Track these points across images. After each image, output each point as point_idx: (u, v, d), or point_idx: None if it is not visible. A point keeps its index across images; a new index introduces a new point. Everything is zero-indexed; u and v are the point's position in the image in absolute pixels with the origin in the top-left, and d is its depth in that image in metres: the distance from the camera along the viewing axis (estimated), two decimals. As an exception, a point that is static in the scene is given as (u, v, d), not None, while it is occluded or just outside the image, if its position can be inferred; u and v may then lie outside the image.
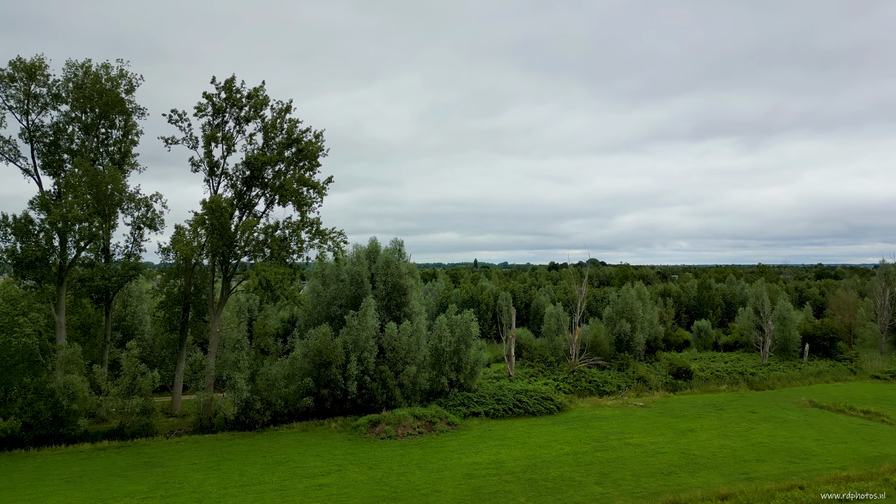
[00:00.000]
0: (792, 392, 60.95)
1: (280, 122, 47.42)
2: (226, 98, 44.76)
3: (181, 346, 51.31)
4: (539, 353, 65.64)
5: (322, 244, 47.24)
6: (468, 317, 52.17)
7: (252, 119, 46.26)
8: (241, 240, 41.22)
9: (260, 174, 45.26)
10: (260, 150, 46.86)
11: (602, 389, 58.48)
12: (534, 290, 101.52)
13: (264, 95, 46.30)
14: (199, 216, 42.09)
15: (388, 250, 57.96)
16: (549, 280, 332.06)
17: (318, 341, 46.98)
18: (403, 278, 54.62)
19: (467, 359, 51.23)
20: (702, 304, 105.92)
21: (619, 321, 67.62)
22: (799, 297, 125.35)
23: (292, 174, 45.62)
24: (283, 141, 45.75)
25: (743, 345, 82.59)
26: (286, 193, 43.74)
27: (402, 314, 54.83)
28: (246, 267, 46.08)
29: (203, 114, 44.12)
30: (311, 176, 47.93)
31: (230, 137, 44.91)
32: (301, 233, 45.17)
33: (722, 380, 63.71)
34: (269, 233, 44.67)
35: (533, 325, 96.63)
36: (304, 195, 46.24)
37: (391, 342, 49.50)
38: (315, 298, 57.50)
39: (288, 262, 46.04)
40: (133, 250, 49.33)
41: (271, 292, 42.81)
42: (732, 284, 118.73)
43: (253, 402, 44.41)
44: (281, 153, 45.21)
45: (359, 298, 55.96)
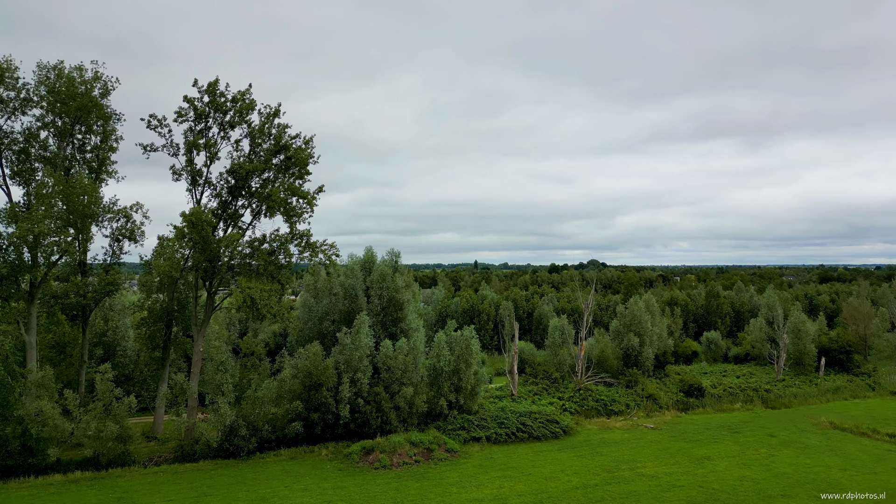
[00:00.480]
0: (809, 411, 58.30)
1: (268, 128, 44.87)
2: (209, 102, 42.20)
3: (163, 365, 48.73)
4: (543, 368, 63.01)
5: (313, 257, 44.60)
6: (468, 334, 49.52)
7: (237, 124, 43.71)
8: (224, 254, 38.61)
9: (246, 183, 42.67)
10: (246, 157, 44.30)
11: (610, 409, 55.84)
12: (536, 298, 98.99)
13: (251, 99, 43.75)
14: (178, 230, 39.49)
15: (384, 262, 55.38)
16: (550, 284, 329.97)
17: (308, 362, 44.37)
18: (400, 292, 52.00)
19: (468, 379, 48.59)
20: (710, 313, 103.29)
21: (627, 335, 64.99)
22: (809, 304, 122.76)
23: (280, 183, 43.02)
24: (270, 148, 43.18)
25: (755, 357, 79.93)
26: (273, 204, 41.14)
27: (398, 330, 52.21)
28: (230, 283, 43.43)
29: (184, 119, 41.55)
30: (301, 185, 45.37)
31: (213, 144, 42.33)
32: (290, 246, 42.54)
33: (735, 397, 61.08)
34: (255, 246, 42.06)
35: (535, 335, 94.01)
36: (294, 205, 43.64)
37: (386, 361, 46.88)
38: (306, 313, 54.89)
39: (276, 277, 43.39)
40: (112, 264, 46.71)
41: (256, 311, 40.19)
42: (741, 292, 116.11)
43: (238, 428, 41.77)
44: (268, 161, 42.64)
45: (352, 313, 53.33)
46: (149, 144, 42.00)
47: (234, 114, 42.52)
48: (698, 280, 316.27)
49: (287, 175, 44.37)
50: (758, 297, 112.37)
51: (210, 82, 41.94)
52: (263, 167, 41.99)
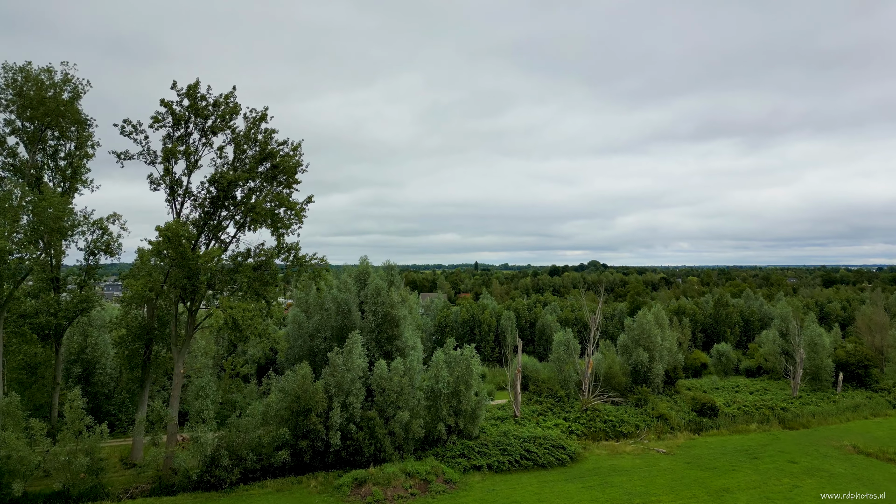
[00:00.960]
0: (830, 432, 55.52)
1: (254, 133, 42.13)
2: (189, 106, 39.47)
3: (143, 386, 46.00)
4: (547, 386, 60.21)
5: (301, 272, 41.84)
6: (468, 353, 46.74)
7: (220, 130, 40.97)
8: (204, 271, 35.87)
9: (229, 194, 39.93)
10: (230, 165, 41.56)
11: (619, 430, 53.04)
12: (539, 307, 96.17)
13: (234, 103, 41.02)
14: (153, 245, 36.74)
15: (379, 275, 52.64)
16: (551, 288, 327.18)
17: (297, 385, 41.61)
18: (396, 308, 49.26)
19: (468, 401, 45.83)
20: (718, 323, 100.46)
21: (636, 350, 62.21)
22: (819, 311, 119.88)
23: (266, 193, 40.29)
24: (255, 155, 40.44)
25: (767, 371, 77.12)
26: (257, 216, 38.36)
27: (393, 348, 49.47)
28: (212, 300, 40.64)
29: (161, 125, 38.79)
30: (289, 194, 42.63)
31: (194, 152, 39.58)
32: (276, 260, 39.75)
33: (751, 417, 58.29)
34: (238, 262, 39.30)
35: (538, 345, 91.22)
36: (281, 216, 40.87)
37: (381, 383, 44.11)
38: (296, 329, 52.17)
39: (262, 295, 40.62)
40: (86, 280, 43.98)
41: (239, 332, 37.41)
42: (750, 300, 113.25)
43: (220, 458, 39.01)
44: (252, 169, 39.90)
45: (345, 330, 50.60)
46: (123, 152, 39.29)
47: (217, 118, 39.80)
48: (702, 284, 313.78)
49: (274, 184, 41.64)
50: (767, 305, 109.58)
51: (190, 85, 39.23)
52: (248, 176, 39.24)
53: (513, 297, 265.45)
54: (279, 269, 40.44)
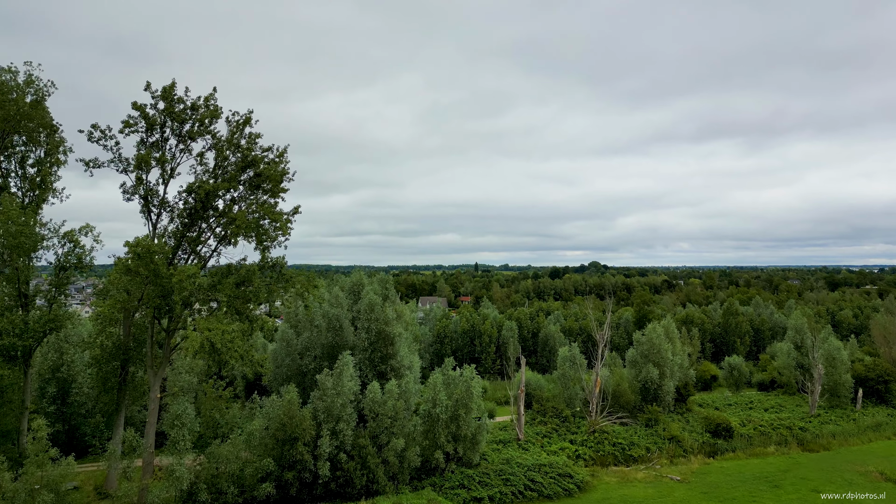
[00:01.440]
0: (852, 455, 52.58)
1: (237, 138, 39.28)
2: (164, 109, 36.60)
3: (118, 410, 43.12)
4: (552, 405, 57.26)
5: (287, 289, 38.94)
6: (468, 374, 43.80)
7: (199, 135, 38.09)
8: (178, 290, 32.95)
9: (208, 204, 37.02)
10: (211, 173, 38.69)
11: (629, 454, 50.11)
12: (541, 317, 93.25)
13: (214, 105, 38.17)
14: (119, 262, 33.83)
15: (372, 288, 49.74)
16: (553, 292, 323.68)
17: (282, 411, 38.69)
18: (391, 325, 46.36)
19: (468, 426, 42.87)
20: (728, 333, 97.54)
21: (645, 366, 59.28)
22: (831, 319, 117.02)
23: (248, 204, 37.40)
24: (237, 162, 37.56)
25: (782, 385, 74.18)
26: (236, 229, 35.40)
27: (388, 368, 46.59)
28: (189, 320, 37.65)
29: (133, 130, 35.89)
30: (274, 204, 39.75)
31: (170, 159, 36.69)
32: (257, 277, 36.78)
33: (768, 438, 55.35)
34: (217, 279, 36.36)
35: (541, 357, 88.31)
36: (266, 228, 37.95)
37: (374, 408, 41.23)
38: (284, 349, 49.27)
39: (244, 313, 37.69)
40: (55, 296, 41.08)
41: (218, 356, 34.50)
42: (759, 307, 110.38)
43: (198, 492, 36.16)
44: (233, 178, 37.02)
45: (337, 348, 47.75)
46: (92, 160, 36.36)
47: (195, 123, 36.91)
48: (705, 287, 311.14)
49: (258, 193, 38.75)
50: (778, 313, 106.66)
51: (165, 86, 36.37)
52: (228, 186, 36.35)
53: (514, 302, 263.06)
54: (263, 286, 37.49)
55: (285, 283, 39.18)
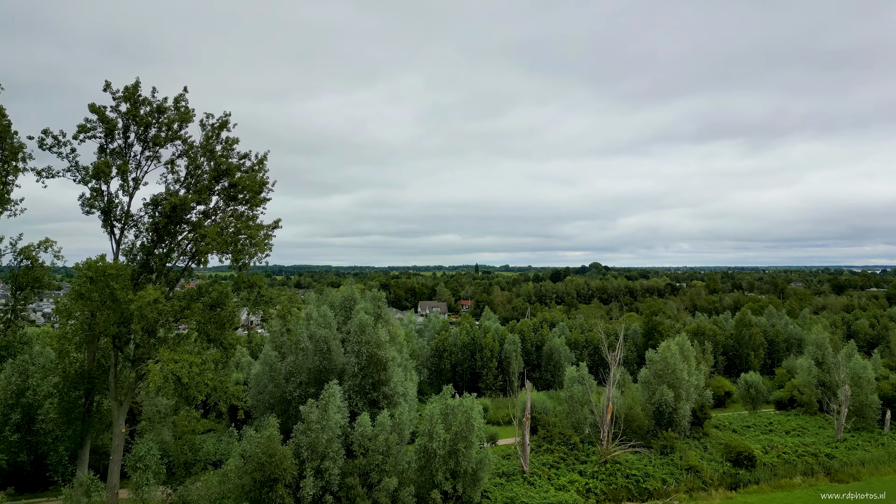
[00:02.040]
0: (884, 484, 48.80)
1: (212, 143, 35.62)
2: (128, 112, 32.90)
3: (82, 444, 39.46)
4: (559, 430, 53.43)
5: (267, 311, 35.20)
6: (469, 403, 39.99)
7: (169, 141, 34.40)
8: (138, 318, 29.23)
9: (176, 219, 33.29)
10: (182, 182, 35.01)
11: (643, 487, 46.30)
12: (545, 329, 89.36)
13: (185, 107, 34.53)
14: (73, 287, 30.07)
15: (363, 307, 45.95)
16: (554, 294, 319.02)
17: (261, 449, 34.91)
18: (383, 348, 42.58)
19: (468, 461, 39.04)
20: (741, 345, 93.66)
21: (659, 387, 55.44)
22: (847, 330, 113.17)
23: (223, 217, 33.68)
24: (210, 171, 33.86)
25: (802, 404, 70.31)
26: (207, 247, 31.67)
27: (380, 396, 42.80)
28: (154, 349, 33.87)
29: (89, 135, 32.18)
30: (254, 216, 36.08)
31: (131, 168, 32.99)
32: (230, 301, 33.02)
33: (793, 466, 51.51)
34: (186, 302, 32.61)
35: (546, 372, 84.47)
36: (243, 245, 34.21)
37: (364, 442, 37.49)
38: (267, 373, 45.50)
39: (218, 340, 33.95)
40: (12, 319, 37.39)
41: (185, 390, 30.72)
42: (772, 317, 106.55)
43: (164, 542, 32.37)
44: (207, 188, 33.32)
45: (325, 373, 43.99)
46: (45, 169, 32.65)
47: (161, 127, 33.20)
48: (709, 291, 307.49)
49: (235, 204, 35.04)
50: (793, 324, 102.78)
51: (128, 86, 32.72)
52: (198, 198, 32.64)
53: (515, 307, 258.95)
54: (239, 308, 33.75)
55: (265, 304, 35.45)
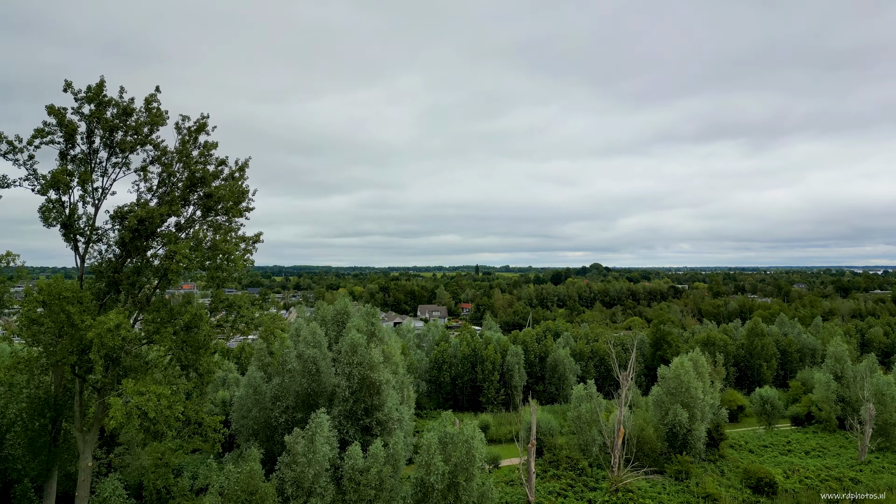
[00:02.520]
0: (916, 513, 45.64)
1: (189, 148, 32.58)
2: (92, 114, 29.85)
3: (49, 476, 36.40)
4: (566, 454, 50.32)
5: (247, 333, 32.12)
6: (470, 432, 36.79)
7: (140, 145, 31.33)
8: (98, 346, 26.19)
9: (147, 232, 30.22)
10: (154, 191, 31.98)
11: (658, 518, 43.16)
12: (549, 339, 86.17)
13: (157, 109, 31.46)
14: (25, 310, 26.99)
15: (355, 324, 42.83)
16: (555, 297, 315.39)
17: (240, 486, 31.82)
18: (377, 370, 39.47)
19: (469, 495, 35.81)
20: (753, 356, 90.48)
21: (673, 406, 52.32)
22: (861, 338, 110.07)
23: (195, 232, 30.62)
24: (184, 180, 30.80)
25: (820, 421, 67.20)
26: (176, 265, 28.57)
27: (373, 422, 39.69)
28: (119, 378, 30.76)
29: (47, 140, 29.11)
30: (237, 227, 33.06)
31: (91, 178, 29.88)
32: (206, 324, 29.91)
33: (816, 493, 48.28)
34: (155, 326, 29.53)
35: (550, 385, 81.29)
36: (219, 262, 31.13)
37: (354, 476, 34.39)
38: (251, 396, 42.39)
39: (193, 366, 30.87)
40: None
41: (153, 425, 27.60)
42: (784, 326, 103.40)
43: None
44: (180, 198, 30.26)
45: (314, 396, 40.91)
46: (1, 178, 29.55)
47: (129, 131, 30.13)
48: (713, 294, 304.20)
49: (213, 215, 31.99)
50: (806, 333, 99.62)
51: (92, 86, 29.66)
52: (168, 210, 29.57)
53: (516, 311, 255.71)
54: (210, 335, 30.65)
55: (245, 325, 32.38)
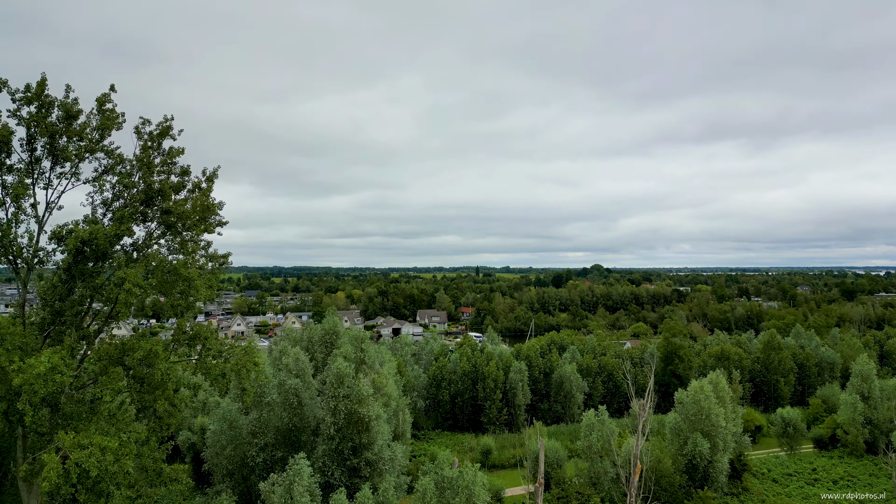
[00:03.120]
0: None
1: (151, 156, 28.61)
2: (32, 118, 25.87)
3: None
4: (576, 489, 46.25)
5: (215, 370, 28.09)
6: (471, 476, 32.79)
7: (89, 153, 27.34)
8: (28, 393, 22.23)
9: (94, 255, 26.20)
10: (108, 206, 27.99)
11: (679, 565, 39.09)
12: (554, 353, 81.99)
13: (110, 111, 27.48)
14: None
15: (343, 352, 38.73)
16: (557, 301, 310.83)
17: (205, 546, 27.76)
18: (366, 405, 35.42)
19: (469, 549, 31.82)
20: (769, 371, 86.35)
21: (692, 435, 48.29)
22: (880, 350, 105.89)
23: (149, 256, 26.58)
24: (138, 193, 26.80)
25: (846, 445, 63.15)
26: (126, 296, 24.52)
27: (361, 463, 35.63)
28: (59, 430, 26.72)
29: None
30: (207, 245, 29.07)
31: (27, 194, 25.87)
32: (163, 361, 25.86)
33: (852, 533, 44.34)
34: (103, 364, 25.50)
35: (556, 403, 77.20)
36: (182, 289, 27.07)
37: (339, 529, 30.28)
38: (226, 431, 38.32)
39: (153, 410, 26.84)
40: None
41: (95, 484, 23.55)
42: (800, 337, 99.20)
43: None
44: (130, 217, 26.23)
45: (296, 432, 36.89)
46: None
47: (73, 136, 26.13)
48: (717, 299, 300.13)
49: (174, 233, 27.97)
50: (823, 346, 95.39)
51: (30, 84, 25.66)
52: (116, 229, 25.54)
53: (518, 316, 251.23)
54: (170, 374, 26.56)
55: (213, 358, 28.33)
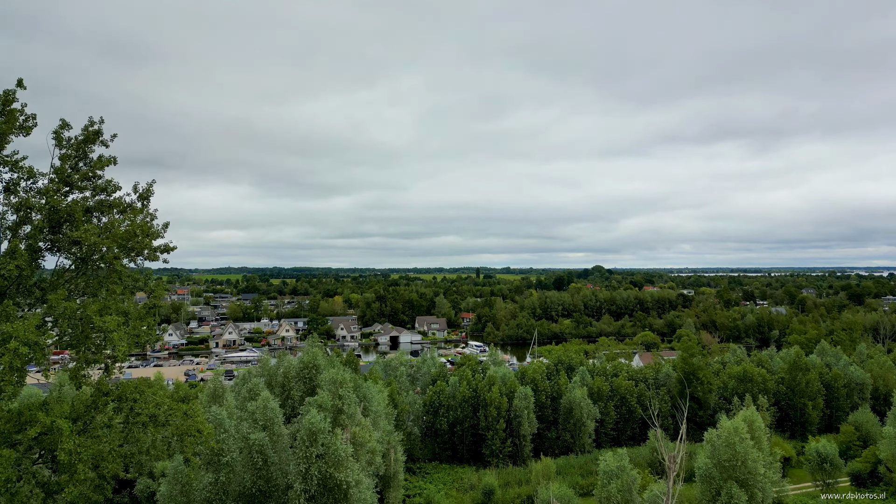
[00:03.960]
0: None
1: (76, 166, 22.94)
2: None
3: None
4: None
5: (145, 443, 22.28)
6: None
7: (-15, 164, 21.58)
8: None
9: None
10: (11, 230, 22.25)
11: None
12: (563, 376, 75.90)
13: (10, 111, 21.65)
14: None
15: (317, 399, 32.75)
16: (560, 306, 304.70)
17: None
18: (343, 468, 29.48)
19: None
20: (795, 394, 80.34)
21: (726, 485, 42.39)
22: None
23: (54, 297, 20.79)
24: (40, 220, 21.04)
25: (889, 483, 57.28)
26: (14, 359, 18.79)
27: (339, 540, 29.66)
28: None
29: None
30: (139, 283, 23.30)
31: None
32: (68, 439, 20.08)
33: None
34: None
35: (564, 431, 71.23)
36: (96, 343, 21.26)
37: None
38: (177, 498, 32.31)
39: (51, 492, 21.04)
40: None
41: None
42: (825, 354, 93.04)
43: None
44: (23, 253, 20.45)
45: (262, 498, 30.98)
46: None
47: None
48: (724, 304, 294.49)
49: (88, 269, 22.18)
50: (853, 365, 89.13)
51: None
52: (15, 264, 19.73)
53: (520, 324, 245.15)
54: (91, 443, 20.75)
55: (142, 428, 22.49)
